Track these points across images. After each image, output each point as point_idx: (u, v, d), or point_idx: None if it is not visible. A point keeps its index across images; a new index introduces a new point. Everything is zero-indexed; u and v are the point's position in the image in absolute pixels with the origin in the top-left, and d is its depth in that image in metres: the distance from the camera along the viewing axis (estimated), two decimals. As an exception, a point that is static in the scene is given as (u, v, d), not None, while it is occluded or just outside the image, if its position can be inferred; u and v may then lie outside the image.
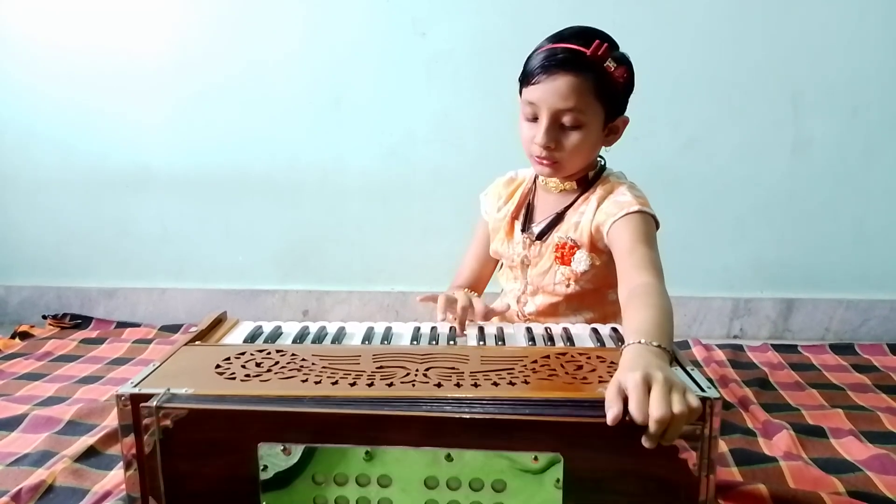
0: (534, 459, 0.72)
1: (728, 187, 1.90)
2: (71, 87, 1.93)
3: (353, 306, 2.04)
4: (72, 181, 2.00)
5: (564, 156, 1.08)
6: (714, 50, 1.82)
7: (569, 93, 1.03)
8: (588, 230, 1.11)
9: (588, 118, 1.06)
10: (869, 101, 1.83)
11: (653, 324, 0.83)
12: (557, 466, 0.71)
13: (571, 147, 1.07)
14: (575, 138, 1.07)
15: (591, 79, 1.03)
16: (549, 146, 1.06)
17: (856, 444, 1.20)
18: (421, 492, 0.74)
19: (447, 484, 0.73)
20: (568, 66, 1.02)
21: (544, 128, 1.05)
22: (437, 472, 0.73)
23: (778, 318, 1.96)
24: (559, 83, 1.03)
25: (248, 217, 2.01)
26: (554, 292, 1.17)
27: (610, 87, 1.05)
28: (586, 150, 1.09)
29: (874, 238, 1.91)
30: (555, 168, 1.10)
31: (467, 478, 0.73)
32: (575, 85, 1.02)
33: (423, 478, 0.73)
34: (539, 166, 1.11)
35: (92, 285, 2.06)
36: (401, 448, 0.73)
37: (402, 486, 0.74)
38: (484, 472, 0.73)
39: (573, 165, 1.11)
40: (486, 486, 0.73)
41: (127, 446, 0.75)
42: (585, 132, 1.06)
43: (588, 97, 1.04)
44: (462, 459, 0.72)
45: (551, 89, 1.03)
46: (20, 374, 1.58)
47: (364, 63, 1.89)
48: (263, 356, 0.87)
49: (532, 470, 0.72)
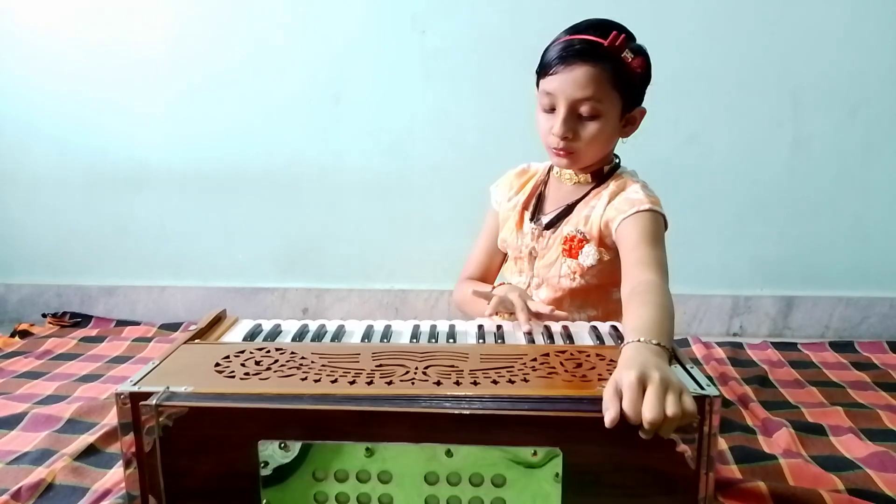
0: (533, 454, 0.72)
1: (727, 184, 1.90)
2: (69, 85, 1.93)
3: (353, 304, 2.04)
4: (71, 179, 2.00)
5: (581, 146, 1.08)
6: (714, 47, 1.82)
7: (586, 82, 1.03)
8: (598, 225, 1.11)
9: (605, 108, 1.06)
10: (868, 98, 1.83)
11: (653, 322, 0.82)
12: (557, 461, 0.72)
13: (589, 137, 1.07)
14: (592, 128, 1.07)
15: (609, 69, 1.04)
16: (566, 136, 1.07)
17: (855, 442, 1.20)
18: (421, 487, 0.74)
19: (447, 479, 0.73)
20: (585, 56, 1.03)
21: (562, 118, 1.06)
22: (437, 468, 0.73)
23: (777, 316, 1.96)
24: (577, 73, 1.03)
25: (247, 214, 2.01)
26: (559, 286, 1.17)
27: (627, 78, 1.06)
28: (603, 140, 1.10)
29: (874, 235, 1.91)
30: (572, 158, 1.10)
31: (467, 473, 0.73)
32: (592, 75, 1.03)
33: (423, 473, 0.73)
34: (556, 157, 1.11)
35: (91, 283, 2.06)
36: (400, 444, 0.73)
37: (403, 481, 0.74)
38: (483, 467, 0.73)
39: (590, 156, 1.12)
40: (485, 481, 0.73)
41: (126, 444, 0.75)
42: (603, 122, 1.07)
43: (605, 87, 1.04)
44: (462, 455, 0.72)
45: (569, 79, 1.04)
46: (20, 373, 1.58)
47: (362, 60, 1.89)
48: (263, 354, 0.87)
49: (531, 464, 0.72)
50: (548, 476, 0.72)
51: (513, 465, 0.72)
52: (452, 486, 0.74)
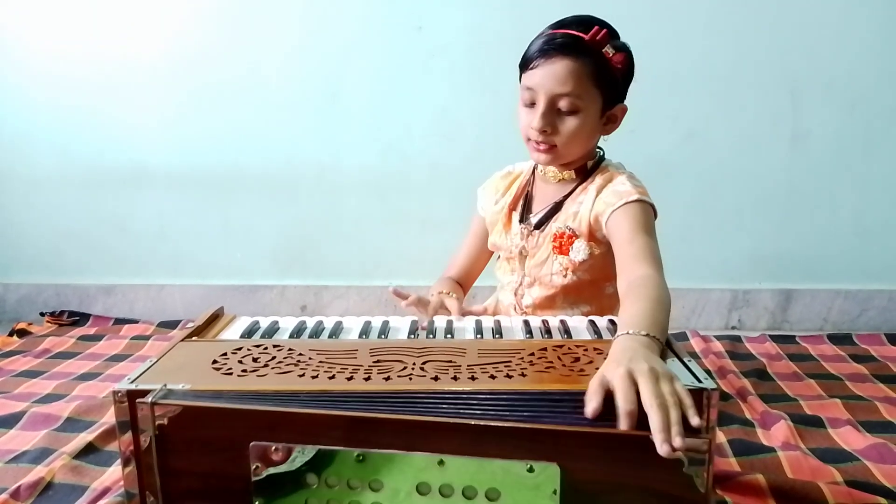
0: (529, 469, 0.69)
1: (727, 179, 1.90)
2: (67, 85, 1.93)
3: (352, 301, 2.04)
4: (69, 178, 2.00)
5: (561, 140, 1.08)
6: (712, 42, 1.81)
7: (566, 77, 1.03)
8: (587, 219, 1.11)
9: (585, 104, 1.05)
10: (867, 93, 1.83)
11: (644, 315, 0.82)
12: (554, 476, 0.69)
13: (568, 132, 1.07)
14: (571, 123, 1.06)
15: (589, 64, 1.03)
16: (545, 130, 1.06)
17: (853, 434, 1.21)
18: (413, 497, 0.72)
19: (440, 490, 0.71)
20: (566, 50, 1.02)
21: (540, 112, 1.05)
22: (430, 478, 0.71)
23: (776, 309, 1.96)
24: (557, 67, 1.03)
25: (246, 213, 2.01)
26: (551, 283, 1.17)
27: (608, 74, 1.05)
28: (583, 136, 1.09)
29: (872, 229, 1.91)
30: (551, 154, 1.10)
31: (460, 485, 0.71)
32: (572, 69, 1.02)
33: (415, 483, 0.72)
34: (536, 152, 1.11)
35: (90, 282, 2.06)
36: (393, 452, 0.71)
37: (394, 490, 0.72)
38: (477, 480, 0.70)
39: (570, 152, 1.11)
40: (479, 494, 0.71)
41: (124, 443, 0.74)
42: (582, 118, 1.06)
43: (585, 82, 1.04)
44: (455, 465, 0.70)
45: (549, 73, 1.03)
46: (18, 372, 1.58)
47: (360, 58, 1.89)
48: (260, 351, 0.87)
49: (528, 479, 0.69)
50: (545, 492, 0.69)
51: (508, 478, 0.70)
52: (445, 497, 0.71)
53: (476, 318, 1.06)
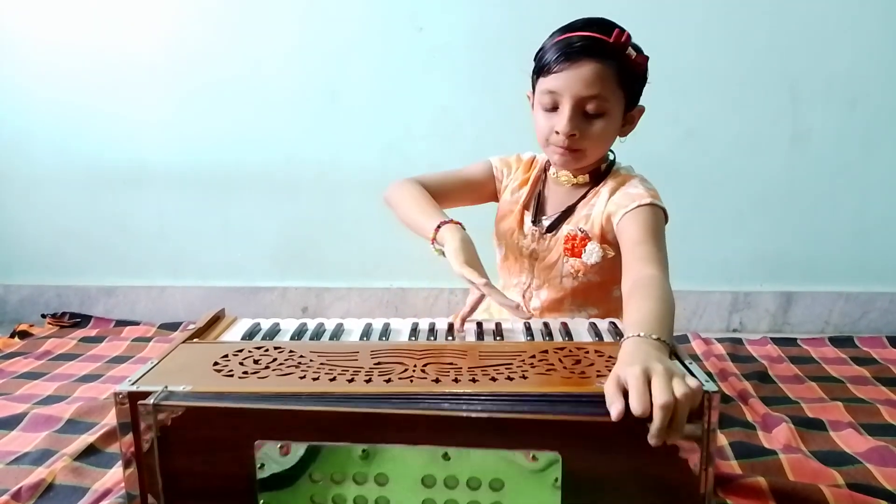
0: (532, 458, 0.71)
1: (727, 179, 1.90)
2: (67, 84, 1.93)
3: (353, 302, 2.03)
4: (69, 179, 2.00)
5: (587, 144, 1.07)
6: (712, 41, 1.81)
7: (593, 80, 1.02)
8: (599, 221, 1.11)
9: (611, 106, 1.05)
10: (868, 92, 1.82)
11: (653, 317, 0.82)
12: (556, 466, 0.71)
13: (595, 135, 1.07)
14: (598, 126, 1.06)
15: (614, 66, 1.03)
16: (573, 134, 1.05)
17: (855, 437, 1.20)
18: (418, 490, 0.73)
19: (445, 483, 0.72)
20: (591, 52, 1.02)
21: (567, 115, 1.04)
22: (435, 471, 0.72)
23: (777, 312, 1.96)
24: (584, 70, 1.02)
25: (247, 214, 2.01)
26: (560, 286, 1.17)
27: (631, 75, 1.06)
28: (608, 138, 1.09)
29: (873, 230, 1.91)
30: (576, 157, 1.09)
31: (465, 477, 0.72)
32: (599, 72, 1.02)
33: (420, 476, 0.73)
34: (559, 156, 1.10)
35: (91, 284, 2.06)
36: (397, 446, 0.72)
37: (400, 484, 0.73)
38: (482, 471, 0.72)
39: (595, 154, 1.11)
40: (483, 486, 0.72)
41: (125, 444, 0.74)
42: (608, 120, 1.06)
43: (611, 84, 1.04)
44: (459, 458, 0.72)
45: (575, 76, 1.03)
46: (20, 373, 1.58)
47: (361, 58, 1.89)
48: (261, 353, 0.87)
49: (530, 469, 0.71)
50: (547, 481, 0.71)
51: (512, 469, 0.71)
52: (450, 489, 0.73)
53: (477, 321, 1.06)
